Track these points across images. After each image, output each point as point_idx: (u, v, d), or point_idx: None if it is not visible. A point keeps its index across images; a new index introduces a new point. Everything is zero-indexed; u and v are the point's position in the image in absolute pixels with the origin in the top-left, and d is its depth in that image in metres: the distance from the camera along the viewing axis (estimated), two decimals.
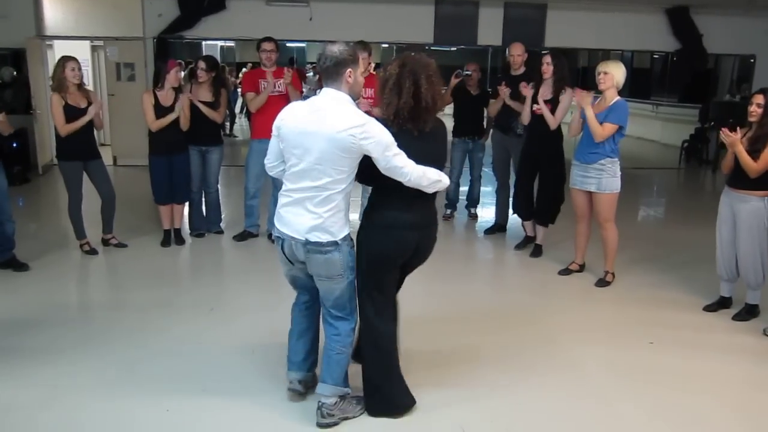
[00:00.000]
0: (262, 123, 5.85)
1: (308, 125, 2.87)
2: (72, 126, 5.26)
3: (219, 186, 6.29)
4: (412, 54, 3.02)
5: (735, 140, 4.15)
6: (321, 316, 3.22)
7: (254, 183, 5.98)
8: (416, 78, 2.92)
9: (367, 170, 2.93)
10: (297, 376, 3.29)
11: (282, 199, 3.03)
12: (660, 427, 3.22)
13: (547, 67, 5.34)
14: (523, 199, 5.87)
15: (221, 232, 6.31)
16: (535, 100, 5.43)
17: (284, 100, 5.77)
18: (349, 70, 2.90)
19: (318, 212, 2.91)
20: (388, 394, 3.19)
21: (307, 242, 2.93)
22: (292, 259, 3.07)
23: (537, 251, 5.81)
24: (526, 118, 5.56)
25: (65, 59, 5.32)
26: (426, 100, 2.93)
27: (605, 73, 4.76)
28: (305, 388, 3.31)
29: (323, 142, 2.82)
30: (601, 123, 4.74)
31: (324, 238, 2.92)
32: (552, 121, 5.34)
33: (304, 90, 6.97)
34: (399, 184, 2.92)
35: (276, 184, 6.01)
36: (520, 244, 6.01)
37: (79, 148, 5.40)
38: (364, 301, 3.13)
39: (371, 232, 3.06)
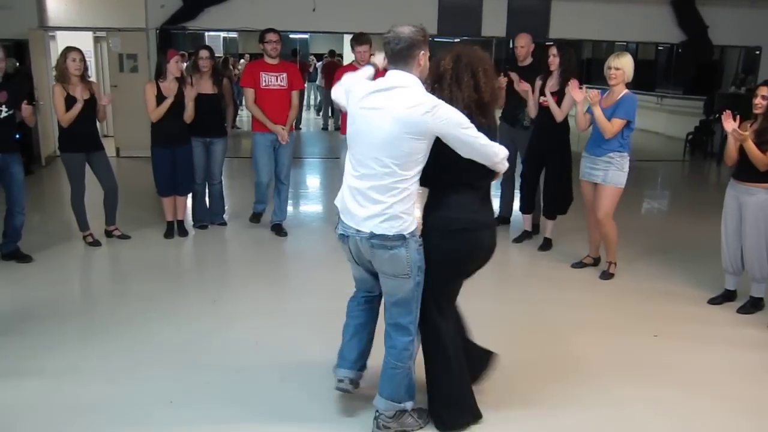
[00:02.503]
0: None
1: (376, 101, 2.67)
2: (71, 114, 5.24)
3: (222, 177, 6.27)
4: (465, 47, 2.83)
5: (745, 136, 4.11)
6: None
7: (265, 174, 5.96)
8: (474, 71, 2.75)
9: (428, 169, 2.73)
10: (348, 374, 3.05)
11: (346, 189, 2.81)
12: (663, 420, 3.20)
13: (554, 59, 5.32)
14: (525, 192, 5.85)
15: (224, 223, 6.30)
16: (542, 92, 5.41)
17: (285, 93, 5.77)
18: (422, 52, 2.68)
19: (384, 200, 2.67)
20: (462, 404, 2.99)
21: (372, 235, 2.70)
22: (358, 259, 2.86)
23: (546, 245, 5.78)
24: (532, 110, 5.55)
25: (67, 50, 5.30)
26: (486, 94, 2.77)
27: (616, 68, 4.69)
28: (355, 386, 3.09)
29: (390, 122, 2.60)
30: (609, 118, 4.70)
31: (391, 230, 2.67)
32: (558, 113, 5.31)
33: (305, 85, 6.93)
34: (466, 182, 2.77)
35: (280, 178, 6.02)
36: (518, 238, 5.99)
37: (82, 140, 5.40)
38: (430, 311, 2.89)
39: (443, 238, 2.82)
